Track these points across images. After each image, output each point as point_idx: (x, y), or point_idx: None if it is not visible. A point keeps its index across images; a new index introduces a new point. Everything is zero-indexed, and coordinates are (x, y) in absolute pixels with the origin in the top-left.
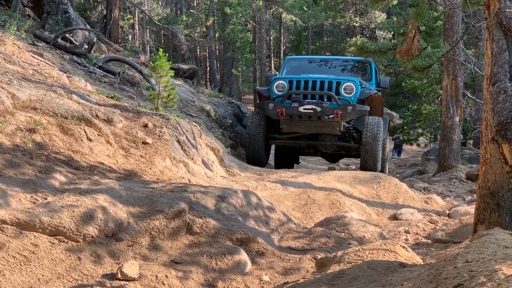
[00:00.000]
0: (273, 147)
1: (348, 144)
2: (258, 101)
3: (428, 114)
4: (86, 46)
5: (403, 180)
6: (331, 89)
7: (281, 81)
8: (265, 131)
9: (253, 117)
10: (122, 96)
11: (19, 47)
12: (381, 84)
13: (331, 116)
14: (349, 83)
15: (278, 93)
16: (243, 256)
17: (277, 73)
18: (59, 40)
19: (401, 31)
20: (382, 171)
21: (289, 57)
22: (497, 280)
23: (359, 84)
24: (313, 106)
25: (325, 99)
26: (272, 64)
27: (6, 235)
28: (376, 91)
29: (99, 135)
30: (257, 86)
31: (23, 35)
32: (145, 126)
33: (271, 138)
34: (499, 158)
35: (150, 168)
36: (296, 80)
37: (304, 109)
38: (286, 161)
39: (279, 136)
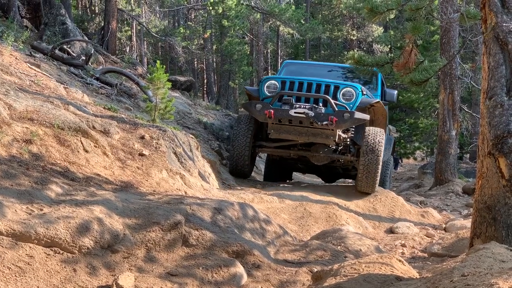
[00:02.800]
0: (264, 158)
1: (344, 157)
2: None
3: (425, 128)
4: (84, 58)
5: (400, 193)
6: (328, 93)
7: (272, 81)
8: (252, 137)
9: (239, 120)
10: (119, 107)
11: (16, 58)
12: (386, 97)
13: (324, 122)
14: (348, 88)
15: (268, 94)
16: (239, 268)
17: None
18: (56, 51)
19: (398, 45)
20: (383, 187)
21: (288, 61)
22: None
23: (359, 90)
24: (306, 110)
25: (321, 104)
26: None
27: (2, 246)
28: (378, 100)
29: (95, 146)
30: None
31: (20, 46)
32: (142, 137)
33: (258, 146)
34: (496, 172)
35: (147, 180)
36: (289, 81)
37: (295, 112)
38: (277, 174)
39: (267, 144)
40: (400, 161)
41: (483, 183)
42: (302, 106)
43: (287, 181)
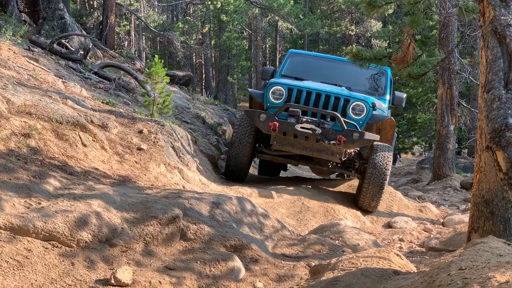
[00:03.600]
0: None
1: (347, 172)
2: (249, 105)
3: (423, 123)
4: (82, 52)
5: (398, 188)
6: (337, 106)
7: (279, 87)
8: (252, 144)
9: (241, 125)
10: (117, 102)
11: (14, 52)
12: (395, 101)
13: (332, 142)
14: (359, 103)
15: (274, 101)
16: (237, 262)
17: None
18: (54, 45)
19: (397, 40)
20: None
21: (293, 51)
22: (490, 287)
23: (371, 105)
24: (313, 127)
25: (328, 118)
26: None
27: (0, 240)
28: (391, 117)
29: (94, 140)
30: (251, 88)
31: (18, 40)
32: (140, 132)
33: (258, 151)
34: (493, 166)
35: (145, 174)
36: (297, 89)
37: (301, 127)
38: (271, 168)
39: (268, 151)
40: (398, 156)
41: (481, 177)
42: (309, 120)
43: (284, 174)
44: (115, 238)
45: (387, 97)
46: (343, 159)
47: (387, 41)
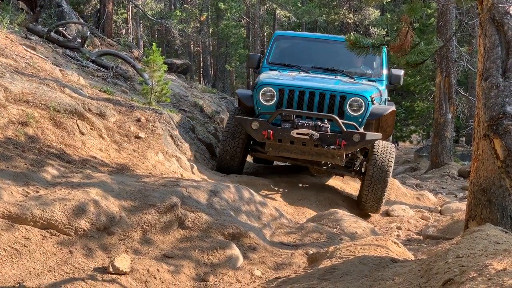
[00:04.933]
0: None
1: (347, 174)
2: (238, 104)
3: (421, 111)
4: (79, 40)
5: (396, 176)
6: (333, 104)
7: (269, 88)
8: (243, 147)
9: (230, 130)
10: (115, 90)
11: (12, 40)
12: (392, 80)
13: (332, 146)
14: (356, 98)
15: (265, 103)
16: (235, 250)
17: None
18: (52, 33)
19: (395, 28)
20: None
21: (279, 33)
22: (487, 275)
23: (369, 100)
24: (310, 131)
25: (325, 119)
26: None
27: None
28: (393, 109)
29: (91, 129)
30: (239, 89)
31: (16, 29)
32: (138, 120)
33: (252, 150)
34: (491, 154)
35: (143, 163)
36: (288, 89)
37: (297, 133)
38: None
39: (262, 150)
40: (396, 144)
41: (479, 166)
42: (305, 124)
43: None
44: (113, 226)
45: (384, 76)
46: (344, 161)
47: (385, 29)
